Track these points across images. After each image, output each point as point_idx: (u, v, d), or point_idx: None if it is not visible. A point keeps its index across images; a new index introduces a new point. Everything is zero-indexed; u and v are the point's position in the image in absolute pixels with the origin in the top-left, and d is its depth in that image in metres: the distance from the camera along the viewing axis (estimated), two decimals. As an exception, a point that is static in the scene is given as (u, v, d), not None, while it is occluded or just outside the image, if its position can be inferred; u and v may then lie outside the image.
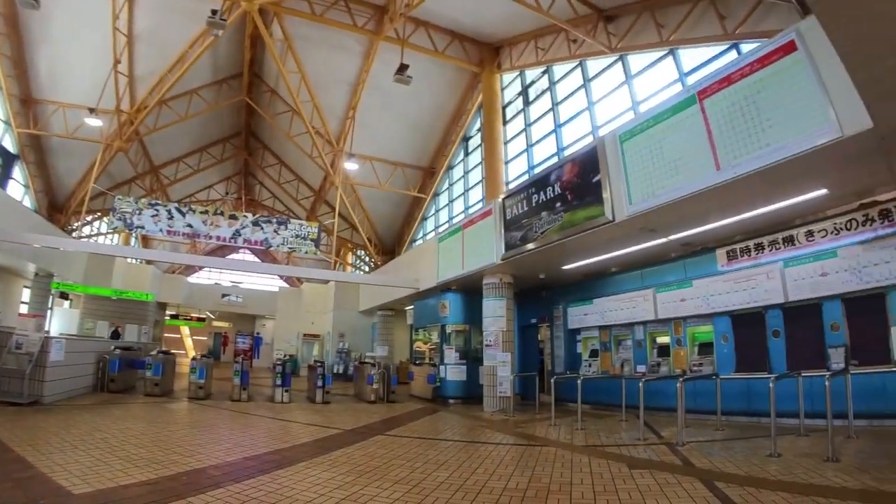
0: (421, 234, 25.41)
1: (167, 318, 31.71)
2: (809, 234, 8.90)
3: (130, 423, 8.77)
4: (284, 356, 15.66)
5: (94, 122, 17.89)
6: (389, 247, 26.67)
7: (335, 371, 21.31)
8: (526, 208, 11.41)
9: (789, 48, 6.19)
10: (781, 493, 4.64)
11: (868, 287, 8.09)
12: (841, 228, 8.46)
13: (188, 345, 40.65)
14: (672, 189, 7.87)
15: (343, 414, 11.67)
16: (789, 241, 9.21)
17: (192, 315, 32.74)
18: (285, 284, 37.74)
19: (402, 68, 15.77)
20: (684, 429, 7.78)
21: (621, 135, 8.94)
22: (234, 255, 38.54)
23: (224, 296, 32.66)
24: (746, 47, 10.01)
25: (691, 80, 11.29)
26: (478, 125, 21.06)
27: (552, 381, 11.05)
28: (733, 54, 10.65)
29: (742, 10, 10.41)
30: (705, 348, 10.69)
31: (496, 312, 13.30)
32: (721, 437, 7.96)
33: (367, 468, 6.14)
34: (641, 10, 12.70)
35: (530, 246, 11.16)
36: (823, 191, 7.46)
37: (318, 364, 14.49)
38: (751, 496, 4.62)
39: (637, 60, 13.51)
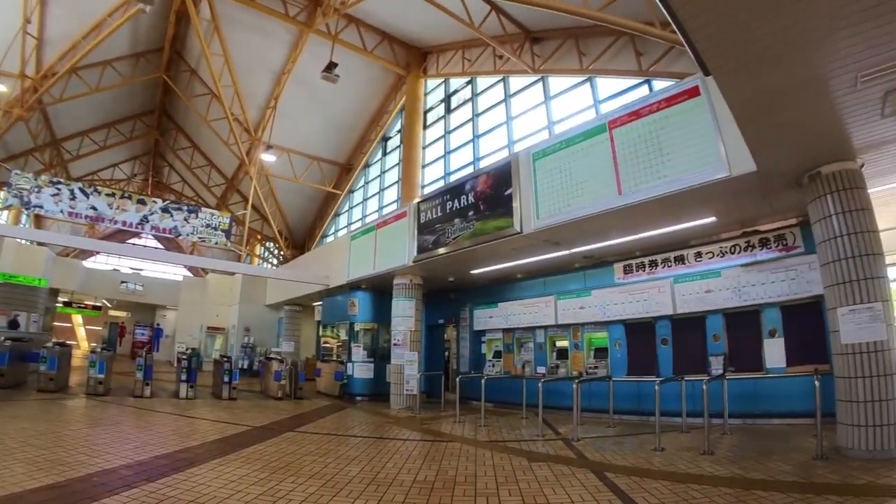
0: (333, 230, 25.22)
1: (59, 305, 28.99)
2: (698, 255, 9.93)
3: (28, 422, 8.27)
4: (187, 350, 15.10)
5: None
6: (300, 241, 26.27)
7: (240, 366, 20.81)
8: (440, 214, 11.82)
9: (693, 92, 6.99)
10: (662, 482, 5.29)
11: (746, 304, 9.20)
12: (726, 252, 9.54)
13: (80, 335, 38.05)
14: (577, 208, 8.62)
15: (251, 410, 11.54)
16: (680, 260, 10.21)
17: (88, 303, 30.41)
18: (189, 273, 36.03)
19: (331, 66, 15.67)
20: (580, 426, 8.44)
21: (535, 153, 9.60)
22: (134, 240, 36.31)
23: (123, 283, 30.59)
24: (658, 84, 11.06)
25: (605, 107, 12.22)
26: (398, 126, 21.19)
27: (457, 380, 11.57)
28: (645, 89, 11.58)
29: (657, 51, 11.20)
30: (601, 353, 11.53)
31: (405, 312, 13.59)
32: (613, 433, 8.66)
33: (281, 464, 6.27)
34: (567, 36, 13.31)
35: (442, 250, 11.58)
36: (712, 218, 8.44)
37: (226, 359, 14.19)
38: (636, 484, 5.24)
39: (557, 83, 14.16)
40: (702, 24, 3.75)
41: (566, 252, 10.79)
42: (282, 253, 25.33)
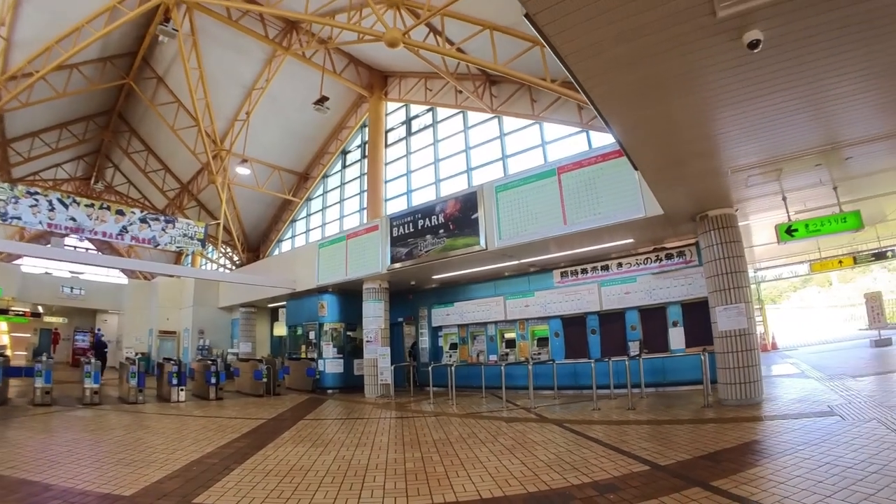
0: (289, 235, 26.23)
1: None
2: (619, 264, 12.80)
3: (71, 433, 8.90)
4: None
5: None
6: (254, 245, 27.05)
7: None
8: (412, 230, 13.86)
9: (623, 152, 9.57)
10: (603, 426, 7.94)
11: (655, 302, 12.15)
12: (640, 263, 12.46)
13: (3, 343, 35.77)
14: (532, 232, 11.18)
15: (250, 408, 12.59)
16: (605, 268, 13.04)
17: (25, 310, 27.02)
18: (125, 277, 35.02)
19: (323, 99, 17.14)
20: (533, 399, 11.05)
21: (497, 186, 12.05)
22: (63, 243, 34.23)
23: (64, 287, 28.83)
24: (594, 135, 13.61)
25: (550, 148, 14.78)
26: (357, 142, 22.73)
27: (430, 368, 13.70)
28: (583, 137, 14.12)
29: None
30: (542, 341, 14.16)
31: (376, 313, 15.42)
32: (559, 403, 11.20)
33: (322, 441, 7.72)
34: (522, 83, 14.80)
35: (415, 261, 13.66)
36: (630, 240, 11.33)
37: (211, 362, 15.23)
38: (586, 427, 7.82)
39: (511, 121, 16.19)
40: (634, 142, 6.29)
41: (516, 262, 13.37)
42: (239, 257, 26.04)
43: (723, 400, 8.92)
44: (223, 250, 26.12)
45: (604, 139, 12.53)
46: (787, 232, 8.71)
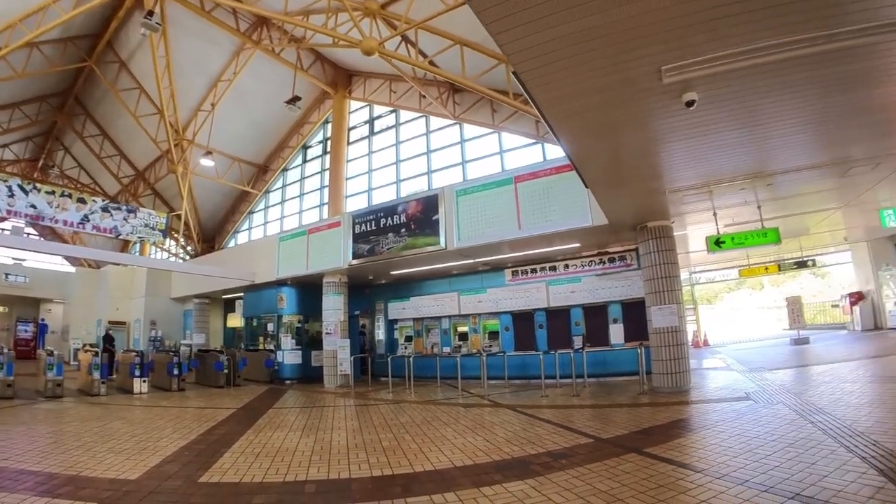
0: (247, 226, 26.16)
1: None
2: (566, 265, 13.95)
3: (70, 424, 8.98)
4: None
5: None
6: (209, 235, 26.72)
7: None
8: (374, 227, 14.50)
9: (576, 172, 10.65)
10: (551, 409, 8.99)
11: (598, 301, 13.34)
12: (585, 265, 13.64)
13: None
14: (488, 235, 12.11)
15: (215, 398, 12.92)
16: (553, 268, 14.17)
17: None
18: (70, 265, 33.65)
19: (295, 99, 17.36)
20: (486, 387, 12.08)
21: (458, 191, 12.91)
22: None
23: (7, 275, 27.36)
24: (549, 147, 14.56)
25: (507, 157, 15.73)
26: (319, 137, 22.95)
27: (389, 359, 14.60)
28: (538, 148, 15.09)
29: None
30: (493, 335, 15.18)
31: (335, 306, 15.95)
32: (509, 391, 12.12)
33: (297, 426, 8.37)
34: (484, 93, 15.30)
35: (377, 258, 14.33)
36: (577, 244, 12.46)
37: (174, 353, 15.37)
38: (537, 410, 8.85)
39: (471, 128, 17.07)
40: (586, 166, 7.30)
41: (472, 261, 14.28)
42: (193, 248, 25.76)
43: (656, 388, 10.11)
44: (177, 239, 25.81)
45: (557, 151, 13.38)
46: (716, 243, 9.83)
